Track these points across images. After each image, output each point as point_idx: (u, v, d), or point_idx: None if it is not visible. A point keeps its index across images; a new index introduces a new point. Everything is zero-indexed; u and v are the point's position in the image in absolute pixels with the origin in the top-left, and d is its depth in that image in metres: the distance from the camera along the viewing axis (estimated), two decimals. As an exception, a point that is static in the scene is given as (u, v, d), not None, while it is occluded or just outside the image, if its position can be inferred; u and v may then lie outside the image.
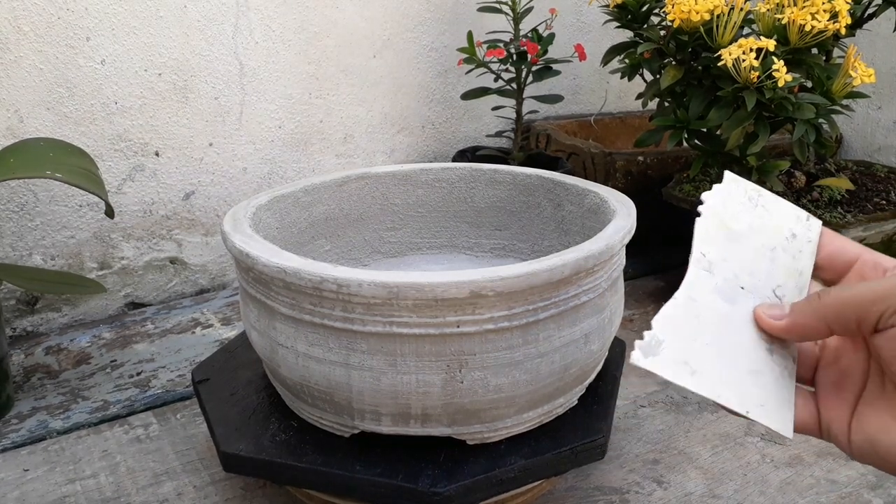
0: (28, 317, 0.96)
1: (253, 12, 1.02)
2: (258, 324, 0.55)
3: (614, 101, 1.42)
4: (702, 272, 0.37)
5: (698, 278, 0.36)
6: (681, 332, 0.35)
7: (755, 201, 0.39)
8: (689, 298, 0.36)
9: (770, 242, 0.38)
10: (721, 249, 0.37)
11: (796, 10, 0.75)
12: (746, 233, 0.38)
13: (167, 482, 0.66)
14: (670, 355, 0.34)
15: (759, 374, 0.35)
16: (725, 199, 0.38)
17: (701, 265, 0.37)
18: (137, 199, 1.00)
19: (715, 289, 0.36)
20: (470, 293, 0.47)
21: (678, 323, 0.35)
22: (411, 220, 0.77)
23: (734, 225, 0.38)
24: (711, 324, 0.35)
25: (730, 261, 0.37)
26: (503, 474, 0.51)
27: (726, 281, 0.37)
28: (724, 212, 0.38)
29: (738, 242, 0.37)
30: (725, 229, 0.38)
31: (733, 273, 0.37)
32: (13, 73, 0.88)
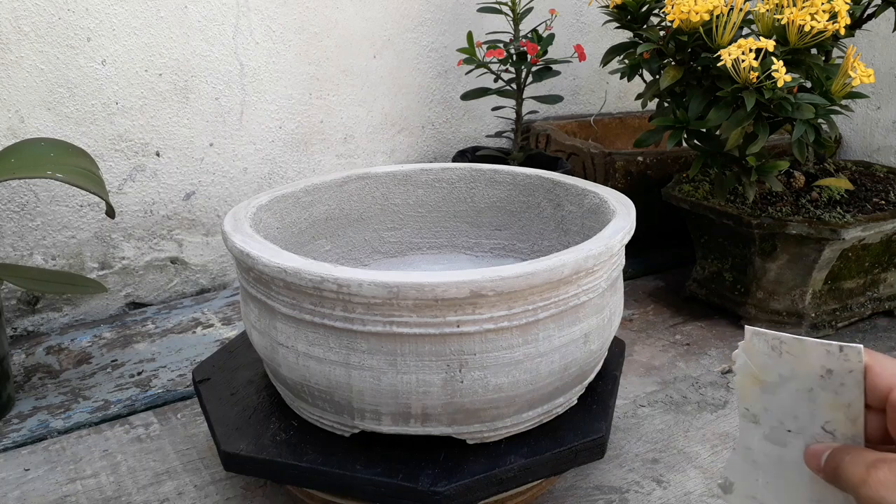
0: (29, 316, 0.96)
1: (253, 13, 1.02)
2: (259, 323, 0.55)
3: (614, 102, 1.42)
4: (749, 424, 0.41)
5: (747, 430, 0.41)
6: (745, 475, 0.41)
7: (778, 350, 0.40)
8: (744, 448, 0.41)
9: (805, 385, 0.39)
10: (760, 402, 0.40)
11: (796, 10, 0.75)
12: (778, 382, 0.40)
13: (168, 481, 0.66)
14: (741, 492, 0.41)
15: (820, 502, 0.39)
16: (751, 355, 0.40)
17: (747, 418, 0.41)
18: (138, 199, 1.00)
19: (764, 437, 0.40)
20: (470, 293, 0.47)
21: (740, 468, 0.41)
22: (411, 220, 0.77)
23: (765, 377, 0.40)
24: (768, 466, 0.40)
25: (771, 410, 0.40)
26: (503, 473, 0.51)
27: (773, 429, 0.40)
28: (753, 367, 0.40)
29: (773, 393, 0.40)
30: (758, 383, 0.40)
31: (778, 420, 0.40)
32: (14, 74, 0.89)
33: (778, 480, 0.40)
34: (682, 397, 0.79)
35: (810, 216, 0.88)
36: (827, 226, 0.85)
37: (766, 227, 0.87)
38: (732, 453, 0.42)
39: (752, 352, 0.40)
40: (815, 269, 0.88)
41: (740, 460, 0.41)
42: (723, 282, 0.96)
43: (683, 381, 0.82)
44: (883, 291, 0.96)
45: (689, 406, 0.78)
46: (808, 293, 0.90)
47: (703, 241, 0.98)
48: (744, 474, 0.41)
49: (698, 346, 0.91)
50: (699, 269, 1.00)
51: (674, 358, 0.88)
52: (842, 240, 0.85)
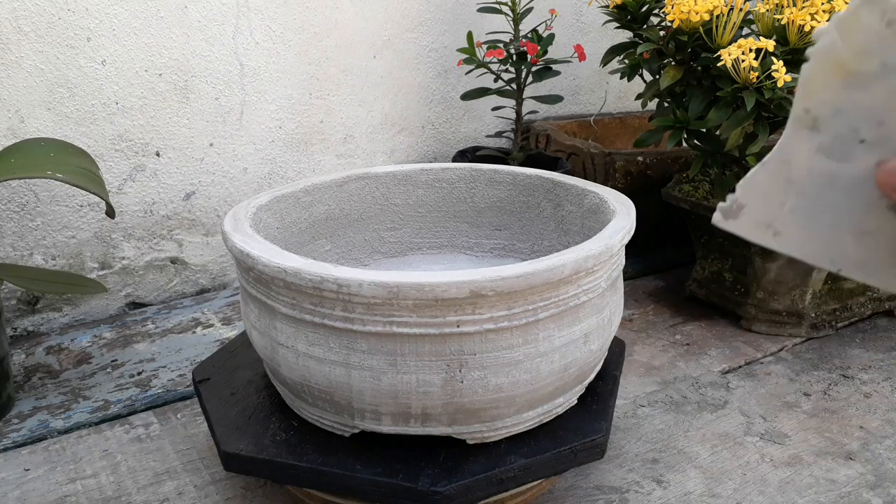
0: (29, 316, 0.96)
1: (253, 13, 1.02)
2: (259, 323, 0.55)
3: (614, 102, 1.42)
4: (802, 131, 0.32)
5: (796, 138, 0.32)
6: (766, 197, 0.33)
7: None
8: (781, 161, 0.33)
9: None
10: (834, 99, 0.31)
11: (795, 10, 0.75)
12: (879, 73, 0.30)
13: (168, 481, 0.66)
14: (751, 217, 0.33)
15: (867, 234, 0.32)
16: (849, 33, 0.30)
17: (802, 123, 0.32)
18: (138, 199, 1.00)
19: (819, 148, 0.32)
20: (470, 293, 0.47)
21: (764, 187, 0.33)
22: (411, 220, 0.77)
23: (859, 66, 0.30)
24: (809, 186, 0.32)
25: (846, 112, 0.31)
26: (503, 473, 0.51)
27: (838, 138, 0.32)
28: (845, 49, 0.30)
29: (862, 89, 0.31)
30: (844, 73, 0.31)
31: (850, 127, 0.31)
32: (14, 74, 0.89)
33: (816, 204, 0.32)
34: (682, 397, 0.79)
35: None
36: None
37: (766, 227, 0.87)
38: (757, 169, 0.33)
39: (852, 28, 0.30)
40: (815, 269, 0.88)
41: (768, 178, 0.33)
42: (723, 282, 0.96)
43: (683, 381, 0.82)
44: (882, 291, 0.96)
45: (689, 406, 0.78)
46: (808, 293, 0.90)
47: (703, 241, 0.98)
48: (765, 195, 0.33)
49: (698, 346, 0.91)
50: (699, 269, 1.00)
51: (674, 358, 0.88)
52: (842, 240, 0.84)
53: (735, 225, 0.33)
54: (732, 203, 0.33)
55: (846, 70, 0.31)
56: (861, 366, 0.85)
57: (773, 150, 0.33)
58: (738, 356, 0.88)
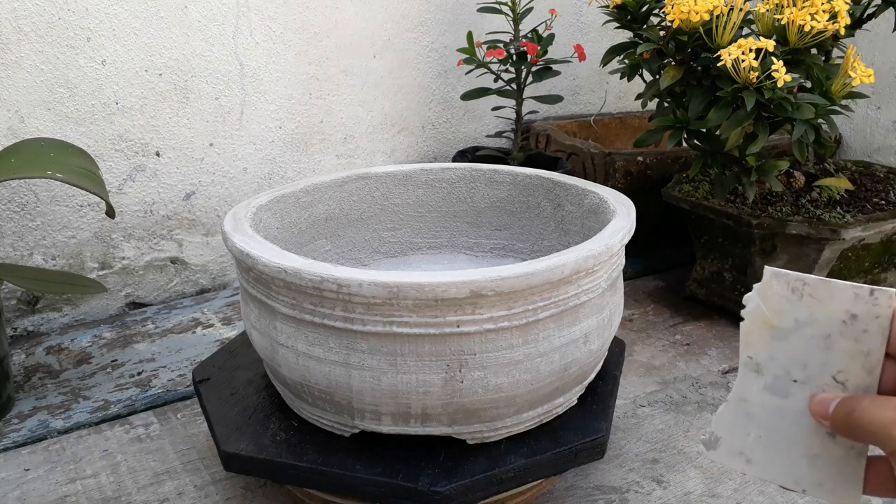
0: (29, 316, 0.96)
1: (253, 13, 1.02)
2: (259, 323, 0.55)
3: (614, 102, 1.42)
4: (750, 374, 0.39)
5: (746, 379, 0.39)
6: (734, 429, 0.39)
7: (800, 292, 0.38)
8: (739, 399, 0.39)
9: (823, 331, 0.37)
10: (767, 349, 0.39)
11: (795, 10, 0.75)
12: (793, 328, 0.38)
13: (168, 481, 0.66)
14: (726, 448, 0.39)
15: (816, 457, 0.38)
16: (766, 297, 0.38)
17: (749, 367, 0.39)
18: (138, 199, 1.00)
19: (765, 387, 0.39)
20: (470, 293, 0.47)
21: (731, 421, 0.39)
22: (411, 220, 0.77)
23: (779, 322, 0.38)
24: (764, 419, 0.39)
25: (778, 358, 0.38)
26: (503, 473, 0.51)
27: (776, 378, 0.38)
28: (766, 311, 0.38)
29: (784, 340, 0.38)
30: (770, 329, 0.38)
31: (783, 370, 0.38)
32: (14, 74, 0.89)
33: (773, 434, 0.38)
34: (682, 397, 0.79)
35: (810, 216, 0.88)
36: (827, 226, 0.85)
37: (766, 227, 0.87)
38: (724, 406, 0.40)
39: (768, 294, 0.38)
40: (816, 270, 0.88)
41: (732, 413, 0.39)
42: (723, 282, 0.96)
43: (683, 381, 0.82)
44: (883, 291, 0.96)
45: (689, 406, 0.78)
46: (808, 293, 0.90)
47: (703, 241, 0.98)
48: (733, 428, 0.39)
49: (698, 346, 0.91)
50: (699, 269, 1.00)
51: (674, 358, 0.88)
52: (842, 240, 0.84)
53: (715, 455, 0.40)
54: (710, 436, 0.40)
55: (771, 326, 0.38)
56: (861, 366, 0.85)
57: (732, 389, 0.40)
58: (738, 356, 0.88)
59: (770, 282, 0.38)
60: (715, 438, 0.40)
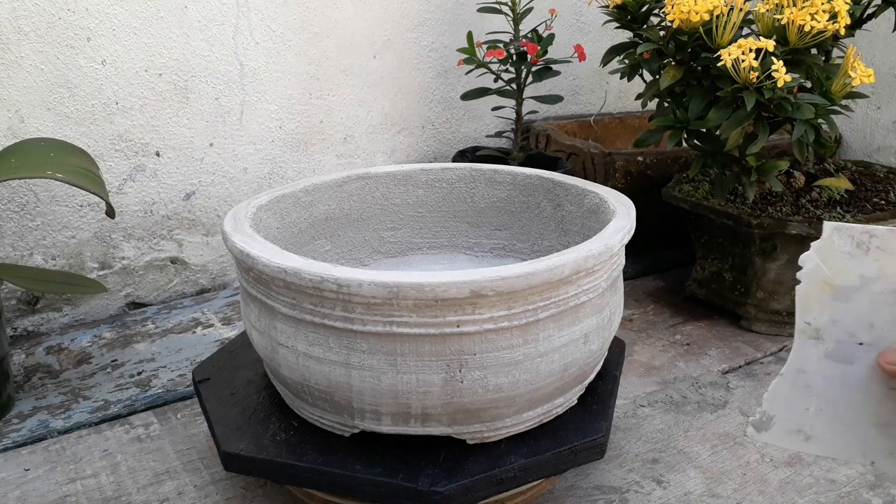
0: (29, 316, 0.96)
1: (253, 13, 1.02)
2: (259, 323, 0.55)
3: (614, 102, 1.42)
4: (808, 341, 0.37)
5: (804, 348, 0.37)
6: (790, 405, 0.37)
7: (866, 245, 0.36)
8: (796, 371, 0.37)
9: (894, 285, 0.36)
10: (829, 312, 0.37)
11: (796, 10, 0.75)
12: (858, 285, 0.36)
13: (168, 481, 0.66)
14: (782, 426, 0.37)
15: (889, 425, 0.36)
16: (827, 254, 0.36)
17: (807, 334, 0.37)
18: (138, 199, 1.00)
19: (826, 354, 0.37)
20: (470, 293, 0.47)
21: (787, 396, 0.37)
22: (411, 220, 0.77)
23: (842, 281, 0.36)
24: (826, 389, 0.37)
25: (841, 320, 0.36)
26: (503, 473, 0.51)
27: (839, 343, 0.37)
28: (827, 269, 0.36)
29: (848, 300, 0.36)
30: (831, 290, 0.36)
31: (847, 332, 0.36)
32: (14, 74, 0.89)
33: (835, 405, 0.36)
34: (682, 397, 0.79)
35: (810, 216, 0.88)
36: (827, 226, 0.85)
37: (766, 227, 0.87)
38: (777, 381, 0.37)
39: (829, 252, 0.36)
40: (815, 269, 0.88)
41: (788, 387, 0.37)
42: (723, 282, 0.96)
43: (683, 381, 0.82)
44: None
45: (689, 406, 0.78)
46: (808, 293, 0.90)
47: (703, 241, 0.98)
48: (790, 404, 0.37)
49: (698, 346, 0.91)
50: (699, 269, 1.00)
51: (674, 358, 0.88)
52: (842, 240, 0.84)
53: (768, 436, 0.37)
54: (762, 416, 0.37)
55: (832, 286, 0.36)
56: (861, 366, 0.85)
57: (787, 361, 0.37)
58: (738, 356, 0.88)
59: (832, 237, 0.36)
60: (767, 418, 0.37)
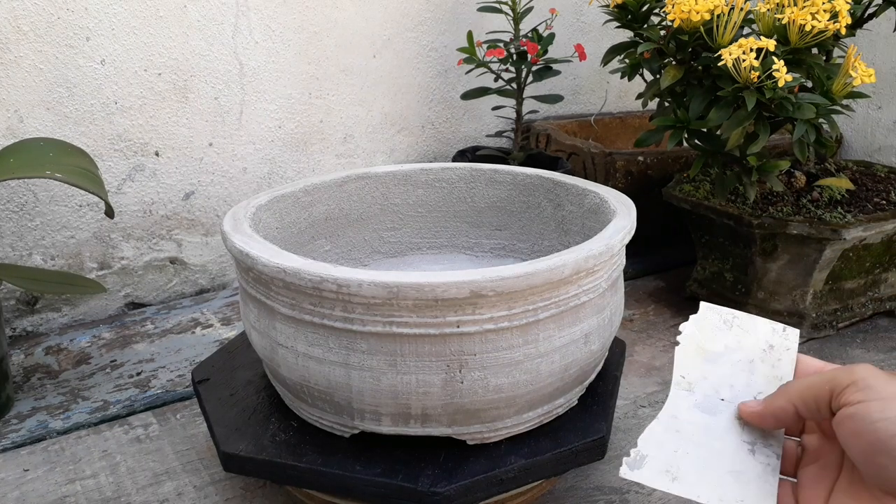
0: (28, 317, 0.96)
1: (253, 12, 1.02)
2: (258, 324, 0.55)
3: (614, 101, 1.42)
4: (682, 392, 0.43)
5: (678, 397, 0.43)
6: (662, 446, 0.42)
7: (730, 323, 0.44)
8: (670, 416, 0.42)
9: (748, 356, 0.43)
10: (699, 370, 0.43)
11: (796, 10, 0.75)
12: (723, 352, 0.43)
13: (167, 482, 0.66)
14: (653, 466, 0.41)
15: (739, 473, 0.41)
16: (701, 326, 0.44)
17: (681, 386, 0.43)
18: (137, 199, 1.00)
19: (695, 405, 0.42)
20: (470, 293, 0.47)
21: (660, 438, 0.42)
22: (411, 220, 0.77)
23: (711, 347, 0.43)
24: (692, 435, 0.42)
25: (709, 378, 0.43)
26: (503, 474, 0.51)
27: (706, 397, 0.42)
28: (700, 337, 0.44)
29: (715, 362, 0.43)
30: (703, 352, 0.43)
31: (713, 388, 0.43)
32: (13, 73, 0.88)
33: (700, 449, 0.41)
34: (682, 398, 0.79)
35: (811, 216, 0.88)
36: (828, 226, 0.85)
37: (766, 227, 0.87)
38: (653, 424, 0.42)
39: (703, 323, 0.44)
40: (816, 270, 0.88)
41: (661, 430, 0.42)
42: (723, 282, 0.96)
43: (684, 382, 0.82)
44: (884, 291, 0.96)
45: (689, 406, 0.78)
46: (808, 293, 0.90)
47: (704, 241, 0.98)
48: (661, 445, 0.41)
49: (699, 346, 0.90)
50: (700, 269, 1.00)
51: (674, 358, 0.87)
52: (843, 240, 0.84)
53: (640, 475, 0.41)
54: (636, 455, 0.41)
55: (704, 350, 0.44)
56: (862, 366, 0.85)
57: (663, 408, 0.43)
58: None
59: (705, 313, 0.44)
60: (641, 457, 0.41)
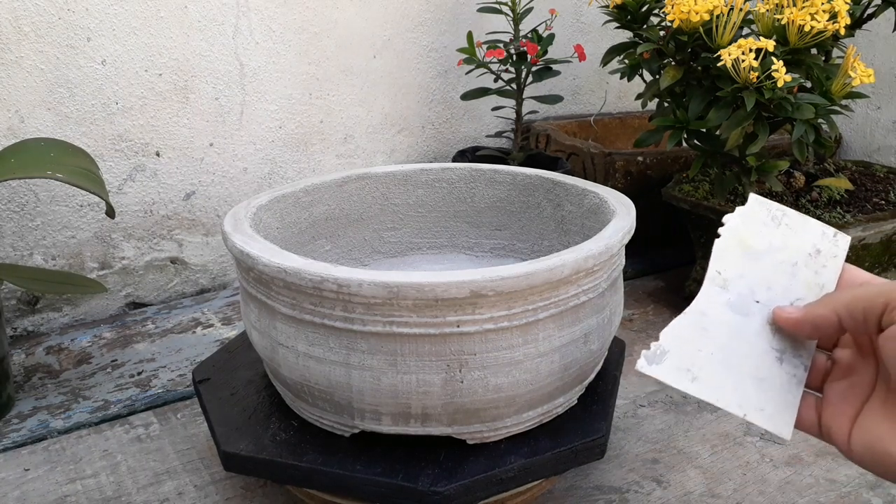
0: (29, 316, 0.96)
1: (253, 13, 1.02)
2: (259, 323, 0.55)
3: (614, 102, 1.42)
4: (715, 288, 0.40)
5: (711, 294, 0.40)
6: (686, 343, 0.39)
7: (779, 220, 0.40)
8: (699, 312, 0.39)
9: (791, 258, 0.40)
10: (738, 267, 0.40)
11: (796, 10, 0.75)
12: (766, 250, 0.40)
13: (168, 481, 0.66)
14: (673, 363, 0.38)
15: (763, 380, 0.38)
16: (747, 219, 0.40)
17: (715, 282, 0.40)
18: (138, 199, 1.00)
19: (727, 303, 0.39)
20: (470, 293, 0.47)
21: (684, 334, 0.39)
22: (411, 220, 0.77)
23: (754, 243, 0.40)
24: (719, 335, 0.39)
25: (746, 277, 0.40)
26: (503, 474, 0.51)
27: (740, 296, 0.39)
28: (744, 231, 0.40)
29: (756, 260, 0.40)
30: (744, 248, 0.40)
31: (749, 288, 0.39)
32: (14, 74, 0.89)
33: (725, 351, 0.39)
34: (682, 397, 0.79)
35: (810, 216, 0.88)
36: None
37: (766, 227, 0.87)
38: (679, 318, 0.40)
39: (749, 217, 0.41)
40: (815, 269, 0.88)
41: (686, 326, 0.40)
42: (723, 282, 0.96)
43: (683, 381, 0.82)
44: (883, 291, 0.96)
45: (689, 406, 0.78)
46: (808, 293, 0.90)
47: (704, 241, 0.98)
48: (685, 342, 0.39)
49: (698, 346, 0.91)
50: (699, 269, 1.00)
51: (674, 358, 0.88)
52: (842, 240, 0.84)
53: (658, 370, 0.39)
54: (656, 349, 0.39)
55: (745, 245, 0.40)
56: (861, 366, 0.85)
57: (692, 303, 0.40)
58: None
59: (753, 206, 0.41)
60: (662, 352, 0.39)
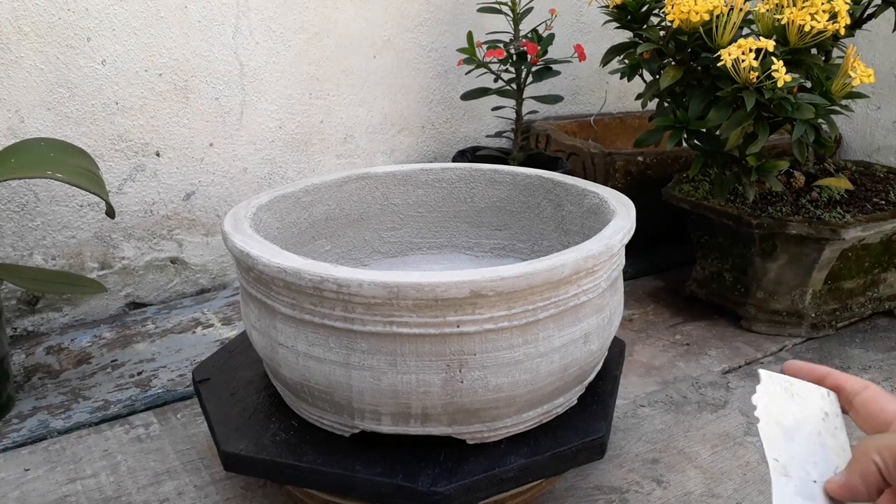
0: (29, 316, 0.96)
1: (253, 13, 1.02)
2: (259, 324, 0.55)
3: (614, 102, 1.42)
4: (781, 479, 0.38)
5: (780, 485, 0.38)
6: None
7: (790, 392, 0.40)
8: None
9: (815, 428, 0.39)
10: (786, 450, 0.39)
11: (796, 10, 0.75)
12: (795, 425, 0.39)
13: (168, 481, 0.66)
14: None
15: None
16: (770, 397, 0.39)
17: (778, 472, 0.38)
18: (138, 199, 1.00)
19: (796, 492, 0.38)
20: (470, 293, 0.47)
21: None
22: (411, 220, 0.77)
23: (784, 421, 0.39)
24: None
25: (796, 458, 0.38)
26: (503, 473, 0.51)
27: (801, 480, 0.38)
28: (774, 410, 0.39)
29: (793, 438, 0.39)
30: (781, 427, 0.39)
31: (804, 470, 0.38)
32: (14, 74, 0.89)
33: None
34: (682, 397, 0.79)
35: (810, 216, 0.88)
36: (827, 226, 0.85)
37: (766, 227, 0.87)
38: None
39: (769, 394, 0.39)
40: (816, 269, 0.88)
41: None
42: (723, 282, 0.96)
43: (683, 381, 0.82)
44: (883, 291, 0.96)
45: (689, 406, 0.78)
46: (808, 293, 0.90)
47: (703, 241, 0.98)
48: None
49: (698, 346, 0.91)
50: (699, 269, 1.00)
51: (674, 358, 0.88)
52: (842, 240, 0.85)
53: None
54: None
55: (780, 424, 0.39)
56: (861, 366, 0.85)
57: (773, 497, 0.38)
58: (738, 356, 0.88)
59: (767, 383, 0.40)
60: None
